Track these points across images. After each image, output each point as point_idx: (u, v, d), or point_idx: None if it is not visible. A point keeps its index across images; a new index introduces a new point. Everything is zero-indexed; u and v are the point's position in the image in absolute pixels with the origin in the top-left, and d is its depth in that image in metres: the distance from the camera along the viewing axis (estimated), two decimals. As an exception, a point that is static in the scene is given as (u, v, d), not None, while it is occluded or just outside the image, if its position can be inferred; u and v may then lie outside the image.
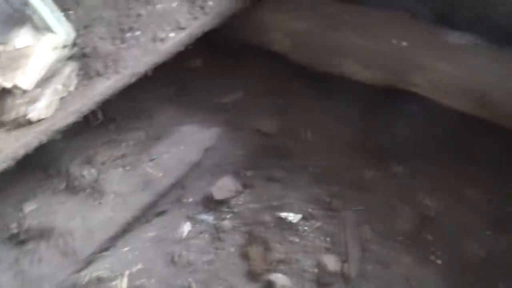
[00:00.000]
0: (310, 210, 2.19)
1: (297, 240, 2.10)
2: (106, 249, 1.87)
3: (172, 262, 2.00)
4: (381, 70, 2.01)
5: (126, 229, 1.97)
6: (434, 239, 2.21)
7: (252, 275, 2.03)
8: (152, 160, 1.99)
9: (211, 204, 2.23)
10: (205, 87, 2.69)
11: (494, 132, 2.64)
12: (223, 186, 2.22)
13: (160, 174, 1.94)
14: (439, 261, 2.11)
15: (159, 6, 1.89)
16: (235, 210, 2.22)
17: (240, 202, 2.24)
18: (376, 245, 2.12)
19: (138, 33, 1.85)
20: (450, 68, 1.76)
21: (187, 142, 2.07)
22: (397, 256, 2.09)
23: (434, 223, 2.29)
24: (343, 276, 2.03)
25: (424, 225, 2.25)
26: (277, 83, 2.81)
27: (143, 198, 1.87)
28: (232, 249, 2.12)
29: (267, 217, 2.17)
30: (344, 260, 2.07)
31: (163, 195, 2.04)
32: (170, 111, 2.47)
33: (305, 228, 2.12)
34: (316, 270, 2.03)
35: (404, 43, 2.01)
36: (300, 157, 2.49)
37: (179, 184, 2.16)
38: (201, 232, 2.14)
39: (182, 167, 2.01)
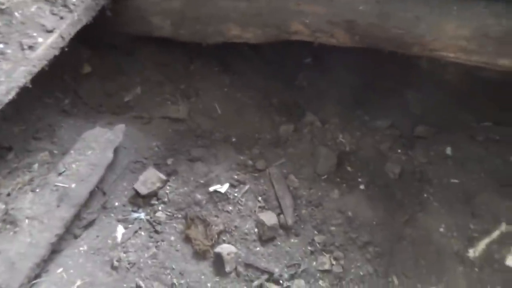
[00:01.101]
0: (236, 177, 2.24)
1: (231, 208, 2.14)
2: (37, 276, 1.75)
3: (113, 268, 1.92)
4: (259, 27, 2.08)
5: (54, 250, 1.85)
6: (354, 169, 2.41)
7: (198, 255, 2.03)
8: (60, 174, 1.89)
9: (139, 201, 2.18)
10: (101, 91, 2.58)
11: (384, 62, 2.91)
12: (146, 180, 2.18)
13: (73, 185, 1.84)
14: (362, 186, 2.30)
15: (17, 14, 1.76)
16: (165, 199, 2.19)
17: (168, 191, 2.21)
18: (304, 189, 2.25)
19: (1, 46, 1.72)
20: (321, 8, 1.88)
21: (93, 146, 1.98)
22: (326, 193, 2.24)
23: (351, 156, 2.48)
24: (282, 227, 2.12)
25: (342, 160, 2.43)
26: (174, 69, 2.79)
27: (62, 214, 1.77)
28: (173, 238, 2.10)
29: (198, 196, 2.18)
30: (279, 212, 2.16)
31: (83, 205, 1.95)
32: (70, 123, 2.34)
33: (235, 194, 2.17)
34: (256, 230, 2.10)
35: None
36: (215, 132, 2.52)
37: (99, 191, 2.08)
38: (136, 231, 2.08)
39: (95, 172, 1.93)
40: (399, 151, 2.57)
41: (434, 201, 2.30)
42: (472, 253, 2.05)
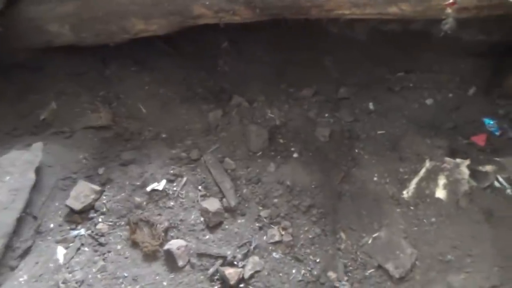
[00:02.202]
0: (172, 171, 2.21)
1: (172, 203, 2.12)
2: (-25, 321, 1.64)
3: (61, 291, 1.85)
4: (163, 16, 2.05)
5: (-10, 289, 1.74)
6: (286, 141, 2.46)
7: (149, 257, 2.00)
8: (-20, 206, 1.76)
9: (75, 217, 2.09)
10: (13, 113, 2.43)
11: (297, 34, 2.99)
12: (78, 195, 2.09)
13: (-4, 214, 1.73)
14: (296, 155, 2.37)
15: None
16: (104, 209, 2.12)
17: (105, 200, 2.14)
18: (241, 169, 2.27)
19: None
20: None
21: (11, 171, 1.86)
22: (263, 169, 2.28)
23: (282, 128, 2.54)
24: (226, 210, 2.13)
25: (274, 134, 2.48)
26: (89, 77, 2.68)
27: (-10, 247, 1.67)
28: (119, 246, 2.04)
29: (137, 199, 2.13)
30: (221, 197, 2.17)
31: (13, 234, 1.83)
32: (-17, 154, 2.19)
33: (174, 189, 2.15)
34: (202, 219, 2.10)
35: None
36: (144, 132, 2.46)
37: (28, 216, 1.96)
38: (78, 249, 2.00)
39: (18, 197, 1.82)
40: (326, 115, 2.67)
41: (365, 154, 2.42)
42: (406, 194, 2.20)
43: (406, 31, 2.68)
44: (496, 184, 2.14)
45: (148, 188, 2.14)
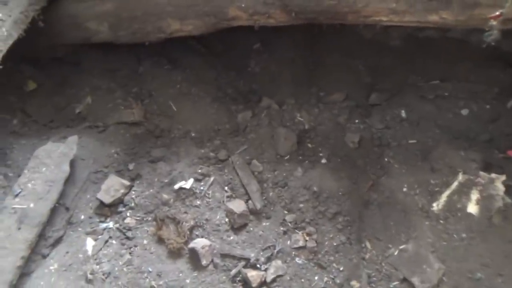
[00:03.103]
0: (200, 171, 2.24)
1: (199, 202, 2.14)
2: (7, 304, 1.71)
3: (88, 281, 1.90)
4: (198, 17, 2.07)
5: (24, 274, 1.81)
6: (315, 145, 2.45)
7: (173, 254, 2.03)
8: (17, 195, 1.83)
9: (105, 210, 2.15)
10: (50, 106, 2.51)
11: (330, 37, 2.96)
12: (109, 188, 2.14)
13: (32, 204, 1.79)
14: (324, 160, 2.35)
15: None
16: (132, 204, 2.17)
17: (133, 196, 2.19)
18: (269, 172, 2.27)
19: None
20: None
21: (47, 162, 1.93)
22: (290, 173, 2.27)
23: (311, 132, 2.52)
24: (252, 212, 2.14)
25: (302, 138, 2.46)
26: (123, 73, 2.74)
27: (24, 236, 1.73)
28: (145, 241, 2.08)
29: (165, 196, 2.17)
30: (247, 199, 2.18)
31: (47, 224, 1.90)
32: (22, 144, 2.27)
33: (202, 188, 2.17)
34: (227, 220, 2.11)
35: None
36: (173, 130, 2.50)
37: (61, 207, 2.03)
38: (106, 241, 2.06)
39: (53, 189, 1.88)
40: (357, 121, 2.63)
41: (395, 163, 2.37)
42: (435, 206, 2.14)
43: (442, 38, 2.60)
44: (533, 201, 2.06)
45: (176, 186, 2.17)
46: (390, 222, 2.16)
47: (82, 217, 2.12)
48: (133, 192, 2.21)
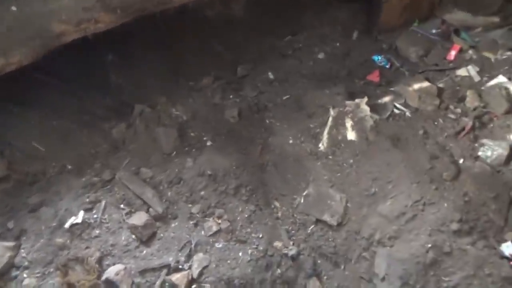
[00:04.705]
0: (87, 200, 2.08)
1: (97, 231, 1.99)
2: None
3: None
4: (21, 44, 1.86)
5: None
6: (197, 132, 2.43)
7: (89, 294, 1.88)
8: None
9: (-4, 282, 1.90)
10: None
11: (177, 29, 2.93)
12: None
13: None
14: (209, 143, 2.34)
15: None
16: (26, 263, 1.93)
17: (24, 254, 1.95)
18: (160, 174, 2.19)
19: None
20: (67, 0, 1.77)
21: None
22: (180, 166, 2.22)
23: (191, 122, 2.49)
24: (156, 218, 2.04)
25: (184, 130, 2.43)
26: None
27: None
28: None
29: (59, 240, 1.97)
30: (147, 207, 2.08)
31: None
32: None
33: (95, 216, 2.02)
34: (133, 236, 1.99)
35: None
36: (47, 170, 2.28)
37: None
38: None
39: None
40: (231, 96, 2.67)
41: (276, 122, 2.47)
42: (321, 146, 2.27)
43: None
44: (396, 111, 2.29)
45: (67, 225, 2.00)
46: (288, 176, 2.24)
47: (-28, 300, 1.86)
48: (23, 250, 1.98)
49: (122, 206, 2.09)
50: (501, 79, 2.25)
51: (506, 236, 1.86)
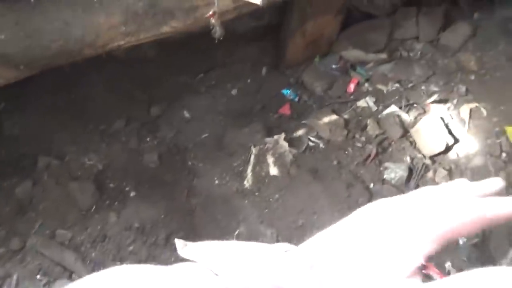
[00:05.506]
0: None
1: None
2: None
3: None
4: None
5: None
6: (116, 183, 2.30)
7: None
8: None
9: None
10: None
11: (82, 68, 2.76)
12: None
13: None
14: (133, 194, 2.24)
15: None
16: None
17: None
18: (80, 234, 2.04)
19: None
20: None
21: None
22: (103, 222, 2.09)
23: (108, 171, 2.36)
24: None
25: (101, 181, 2.28)
26: None
27: None
28: None
29: None
30: (69, 274, 1.91)
31: None
32: None
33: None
34: None
35: None
36: None
37: None
38: None
39: None
40: (148, 139, 2.60)
41: (198, 163, 2.46)
42: (246, 183, 2.33)
43: (190, 37, 2.77)
44: (310, 143, 2.47)
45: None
46: (218, 217, 2.25)
47: None
48: None
49: (38, 277, 1.87)
50: (393, 108, 2.58)
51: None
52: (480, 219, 0.40)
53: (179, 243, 0.46)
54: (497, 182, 0.45)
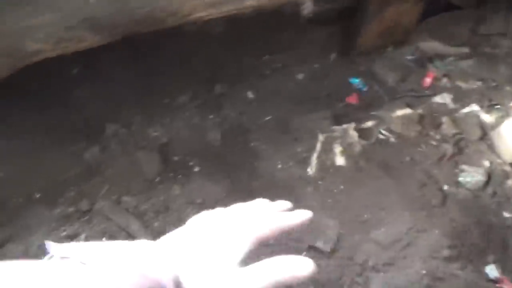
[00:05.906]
0: (64, 234, 1.87)
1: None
2: None
3: None
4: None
5: None
6: (181, 156, 2.30)
7: None
8: None
9: None
10: None
11: (145, 44, 2.78)
12: None
13: None
14: (196, 169, 2.22)
15: None
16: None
17: None
18: (144, 203, 2.05)
19: None
20: (49, 16, 1.58)
21: None
22: (166, 194, 2.09)
23: (172, 144, 2.36)
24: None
25: (166, 153, 2.29)
26: None
27: None
28: None
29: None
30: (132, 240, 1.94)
31: None
32: None
33: (74, 253, 1.83)
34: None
35: None
36: (11, 199, 2.03)
37: None
38: None
39: None
40: (211, 116, 2.57)
41: (261, 145, 2.41)
42: (310, 171, 2.25)
43: (260, 16, 2.70)
44: (380, 136, 2.34)
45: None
46: (277, 200, 2.19)
47: None
48: None
49: (104, 240, 1.91)
50: (473, 107, 2.40)
51: (488, 259, 1.98)
52: (278, 227, 0.58)
53: (49, 244, 0.49)
54: (286, 204, 0.71)
